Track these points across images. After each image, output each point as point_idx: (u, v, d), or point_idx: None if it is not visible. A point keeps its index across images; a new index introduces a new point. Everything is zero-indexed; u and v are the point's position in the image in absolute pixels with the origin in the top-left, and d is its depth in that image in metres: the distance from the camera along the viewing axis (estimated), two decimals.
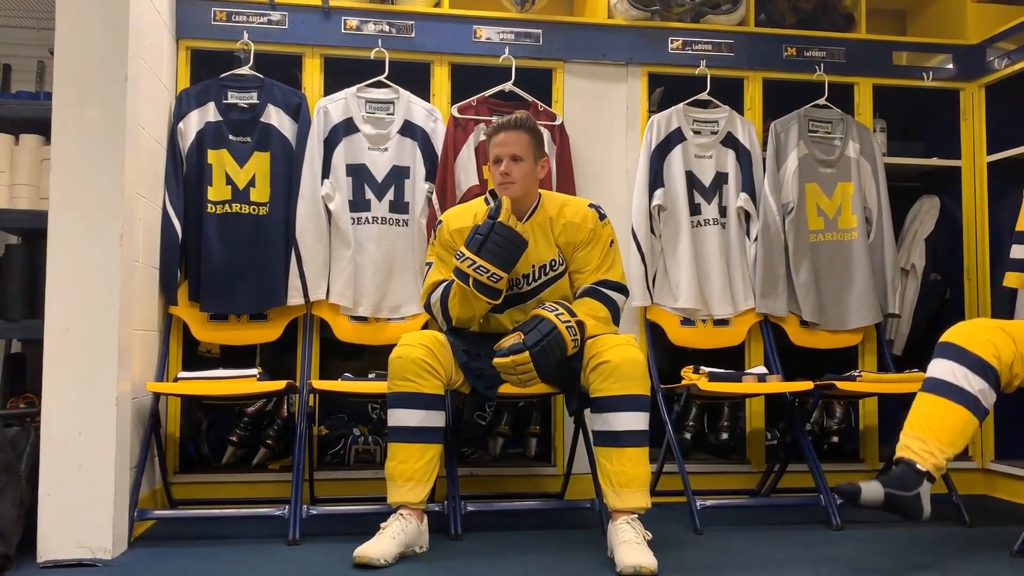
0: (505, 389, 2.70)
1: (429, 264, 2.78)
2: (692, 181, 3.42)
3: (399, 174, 3.25)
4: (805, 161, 3.48)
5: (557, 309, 2.52)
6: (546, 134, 3.31)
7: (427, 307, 2.75)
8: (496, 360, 2.53)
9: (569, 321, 2.49)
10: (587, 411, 2.58)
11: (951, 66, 3.68)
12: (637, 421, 2.42)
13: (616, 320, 2.67)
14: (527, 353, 2.48)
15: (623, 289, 2.71)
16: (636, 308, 3.34)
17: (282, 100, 3.20)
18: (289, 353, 3.27)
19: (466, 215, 2.73)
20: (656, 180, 3.38)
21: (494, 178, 2.64)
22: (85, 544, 2.35)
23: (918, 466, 2.15)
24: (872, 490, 2.12)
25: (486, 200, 2.75)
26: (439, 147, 3.25)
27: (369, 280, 3.19)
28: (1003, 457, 3.48)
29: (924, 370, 3.00)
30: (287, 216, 3.14)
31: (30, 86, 3.37)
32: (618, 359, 2.42)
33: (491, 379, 2.66)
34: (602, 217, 2.69)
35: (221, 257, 3.10)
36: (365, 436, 3.43)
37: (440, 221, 2.77)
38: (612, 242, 2.70)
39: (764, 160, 3.46)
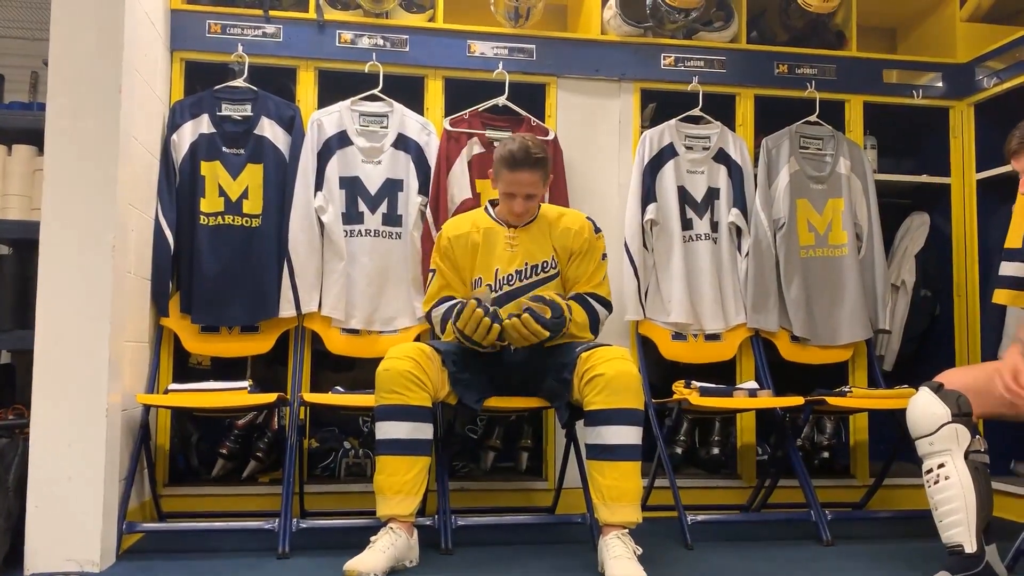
0: (492, 403, 2.71)
1: (432, 271, 2.83)
2: (684, 196, 3.43)
3: (392, 187, 3.25)
4: (796, 177, 3.50)
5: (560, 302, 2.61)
6: None
7: (428, 317, 2.84)
8: (525, 307, 2.55)
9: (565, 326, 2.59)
10: (581, 424, 2.58)
11: (941, 84, 3.71)
12: (631, 435, 2.42)
13: (594, 331, 2.75)
14: (547, 334, 2.54)
15: (608, 305, 2.80)
16: (628, 322, 3.35)
17: (276, 112, 3.20)
18: (280, 365, 3.26)
19: (464, 223, 2.81)
20: (648, 195, 3.39)
21: (505, 210, 2.71)
22: (73, 557, 2.34)
23: (966, 551, 2.17)
24: None
25: (485, 209, 2.84)
26: (432, 160, 3.26)
27: (362, 293, 3.19)
28: (991, 473, 3.48)
29: (914, 386, 3.03)
30: (280, 228, 3.14)
31: (23, 96, 3.37)
32: (613, 372, 2.42)
33: (478, 392, 2.67)
34: (597, 230, 2.78)
35: (213, 269, 3.10)
36: (356, 449, 3.42)
37: (440, 231, 2.85)
38: (603, 256, 2.77)
39: (755, 176, 3.48)
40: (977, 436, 2.22)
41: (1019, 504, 3.22)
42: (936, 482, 2.22)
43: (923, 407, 2.27)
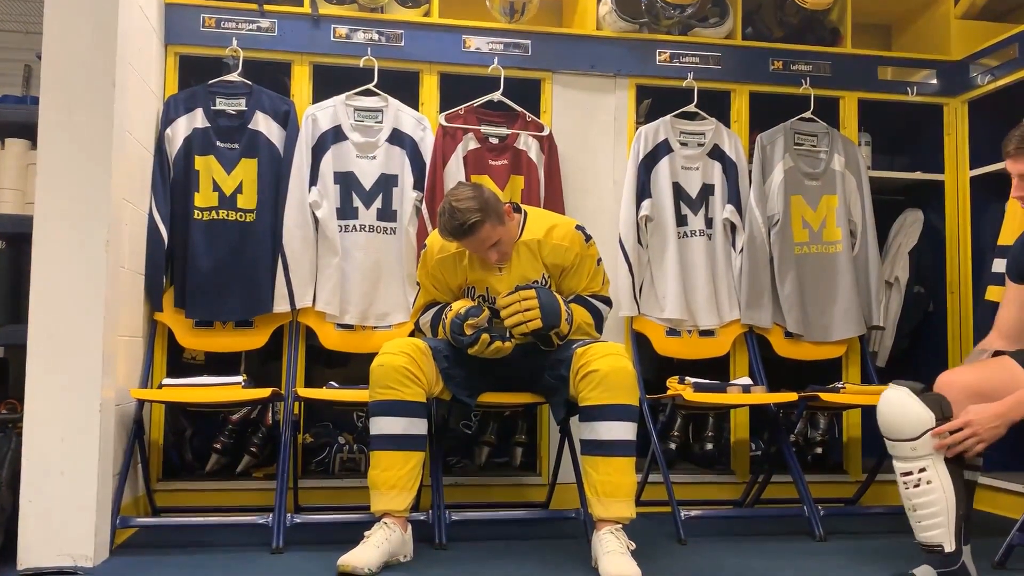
0: (486, 398, 2.71)
1: (418, 285, 2.84)
2: (679, 192, 3.43)
3: (387, 182, 3.25)
4: (791, 174, 3.50)
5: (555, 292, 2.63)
6: (535, 144, 3.33)
7: (417, 325, 2.86)
8: (500, 299, 2.57)
9: (565, 305, 2.59)
10: (575, 419, 2.59)
11: (935, 81, 3.72)
12: (625, 431, 2.42)
13: (599, 328, 2.75)
14: (533, 290, 2.53)
15: (608, 301, 2.79)
16: (623, 318, 3.35)
17: (270, 107, 3.19)
18: (274, 361, 3.26)
19: (449, 243, 2.65)
20: (643, 191, 3.39)
21: (486, 259, 2.61)
22: (66, 552, 2.34)
23: (946, 550, 2.18)
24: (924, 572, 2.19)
25: None
26: (427, 156, 3.25)
27: (356, 288, 3.19)
28: (984, 469, 3.50)
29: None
30: (274, 223, 3.13)
31: (16, 90, 3.36)
32: (607, 368, 2.43)
33: (471, 387, 2.67)
34: (588, 239, 2.70)
35: (207, 264, 3.09)
36: (350, 444, 3.42)
37: (425, 245, 2.78)
38: (598, 260, 2.75)
39: (750, 172, 3.49)
40: None
41: (1010, 500, 3.24)
42: (917, 485, 2.20)
43: (906, 410, 2.21)
